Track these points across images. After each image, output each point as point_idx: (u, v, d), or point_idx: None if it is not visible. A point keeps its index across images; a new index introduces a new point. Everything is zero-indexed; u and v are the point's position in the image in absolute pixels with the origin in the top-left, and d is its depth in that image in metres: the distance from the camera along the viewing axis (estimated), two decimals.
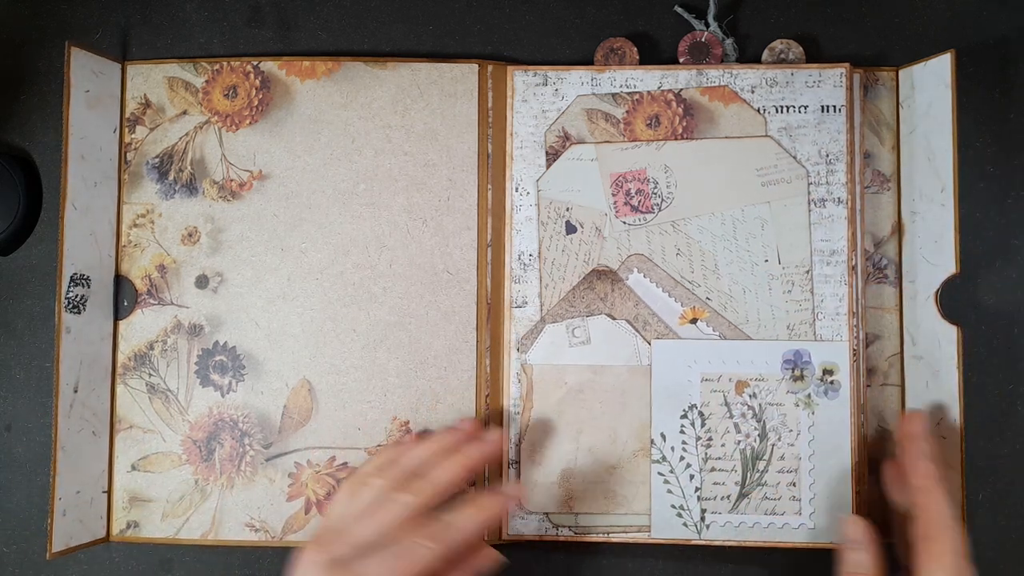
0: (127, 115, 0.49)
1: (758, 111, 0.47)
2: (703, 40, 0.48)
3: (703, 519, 0.46)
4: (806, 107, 0.47)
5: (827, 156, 0.47)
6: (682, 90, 0.48)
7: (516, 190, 0.48)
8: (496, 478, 0.47)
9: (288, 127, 0.48)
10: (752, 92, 0.47)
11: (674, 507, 0.46)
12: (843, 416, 0.46)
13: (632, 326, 0.47)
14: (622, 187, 0.47)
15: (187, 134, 0.49)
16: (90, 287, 0.47)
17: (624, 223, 0.47)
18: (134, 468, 0.48)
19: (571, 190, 0.47)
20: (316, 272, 0.48)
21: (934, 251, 0.46)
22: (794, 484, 0.46)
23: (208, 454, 0.47)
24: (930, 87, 0.46)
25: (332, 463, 0.47)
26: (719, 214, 0.47)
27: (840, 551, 0.42)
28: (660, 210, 0.47)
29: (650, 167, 0.47)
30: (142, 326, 0.48)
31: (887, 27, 0.50)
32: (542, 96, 0.48)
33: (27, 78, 0.50)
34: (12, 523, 0.48)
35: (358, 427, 0.47)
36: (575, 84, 0.48)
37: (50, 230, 0.49)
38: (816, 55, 0.49)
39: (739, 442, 0.46)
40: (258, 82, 0.48)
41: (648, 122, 0.48)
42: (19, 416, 0.49)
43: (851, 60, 0.48)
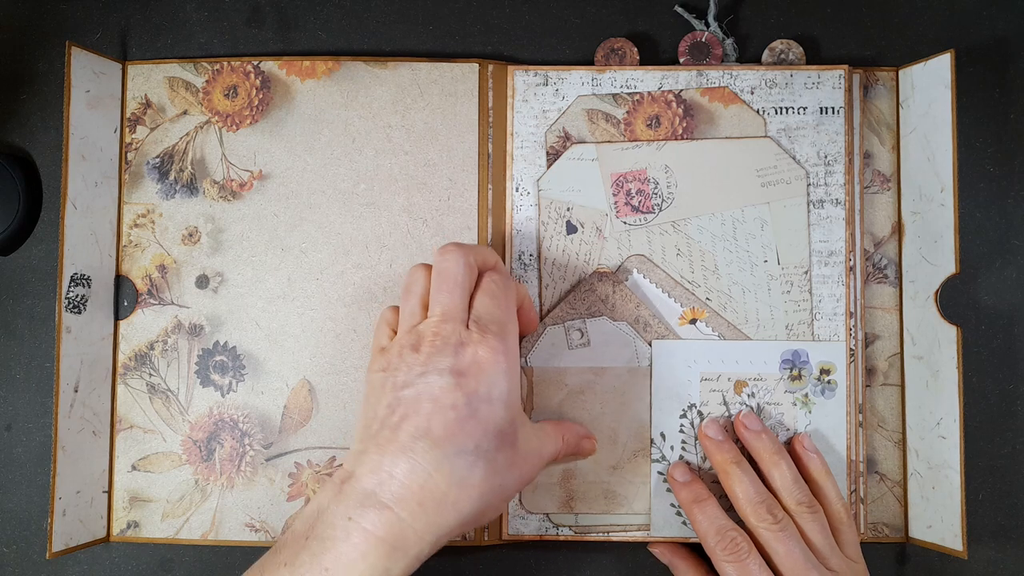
0: (127, 115, 0.49)
1: (757, 112, 0.47)
2: (703, 40, 0.48)
3: None
4: (805, 108, 0.47)
5: (825, 158, 0.47)
6: (682, 91, 0.48)
7: (516, 190, 0.48)
8: None
9: (288, 127, 0.48)
10: (752, 93, 0.47)
11: (674, 506, 0.46)
12: (840, 415, 0.46)
13: (633, 328, 0.47)
14: (623, 187, 0.47)
15: (187, 134, 0.48)
16: (90, 287, 0.47)
17: (625, 223, 0.47)
18: (134, 468, 0.48)
19: (572, 190, 0.48)
20: (316, 272, 0.48)
21: (934, 251, 0.46)
22: None
23: (208, 454, 0.47)
24: (930, 87, 0.46)
25: (332, 463, 0.47)
26: (719, 214, 0.47)
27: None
28: (661, 210, 0.47)
29: (650, 167, 0.47)
30: (142, 326, 0.48)
31: (887, 27, 0.50)
32: (543, 96, 0.48)
33: (27, 78, 0.50)
34: (12, 523, 0.48)
35: None
36: (576, 84, 0.48)
37: (50, 230, 0.49)
38: (816, 55, 0.49)
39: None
40: (258, 82, 0.48)
41: (648, 122, 0.48)
42: (19, 416, 0.49)
43: (851, 60, 0.49)
